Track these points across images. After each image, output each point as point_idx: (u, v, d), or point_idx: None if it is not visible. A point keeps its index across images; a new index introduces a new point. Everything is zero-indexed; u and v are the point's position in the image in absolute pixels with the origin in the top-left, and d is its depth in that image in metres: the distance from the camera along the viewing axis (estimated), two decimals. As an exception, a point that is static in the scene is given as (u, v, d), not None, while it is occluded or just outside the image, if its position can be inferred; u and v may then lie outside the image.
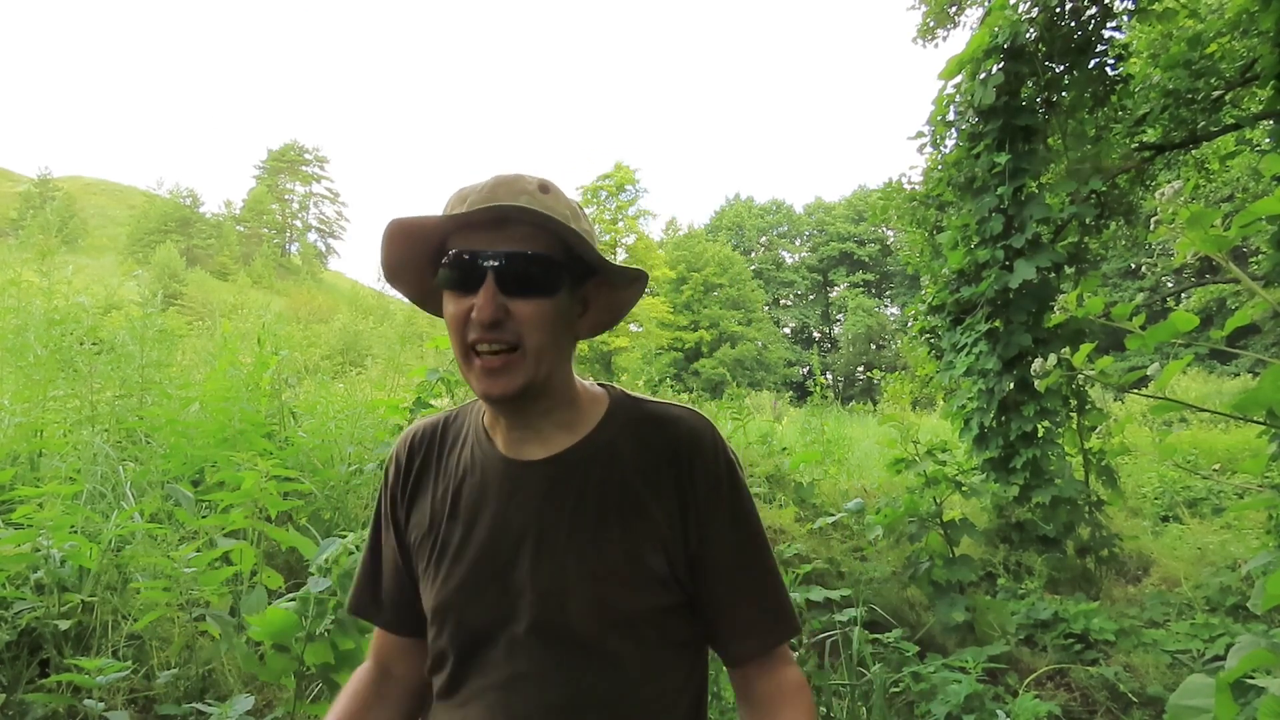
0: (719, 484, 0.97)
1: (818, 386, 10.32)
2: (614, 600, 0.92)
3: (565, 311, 0.94)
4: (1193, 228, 1.17)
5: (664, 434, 0.98)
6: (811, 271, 56.39)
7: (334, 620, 1.96)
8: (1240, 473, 5.93)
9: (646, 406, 1.02)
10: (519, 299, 0.89)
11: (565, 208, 0.92)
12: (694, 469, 0.96)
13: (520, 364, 0.90)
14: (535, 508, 0.95)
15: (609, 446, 0.98)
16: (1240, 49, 5.75)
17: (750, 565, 0.99)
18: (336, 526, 3.16)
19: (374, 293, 39.75)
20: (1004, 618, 3.81)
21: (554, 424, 0.98)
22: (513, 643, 0.93)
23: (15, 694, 2.10)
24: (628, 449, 0.97)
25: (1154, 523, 6.34)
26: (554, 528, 0.94)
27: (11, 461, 2.95)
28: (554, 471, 0.96)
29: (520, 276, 0.89)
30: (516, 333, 0.89)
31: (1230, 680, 1.05)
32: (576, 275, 0.94)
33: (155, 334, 3.71)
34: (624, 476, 0.96)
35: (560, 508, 0.95)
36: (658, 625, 0.95)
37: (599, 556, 0.93)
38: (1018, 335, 4.86)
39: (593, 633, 0.92)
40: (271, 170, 70.06)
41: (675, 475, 0.96)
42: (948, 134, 5.82)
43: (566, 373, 0.98)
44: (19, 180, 62.36)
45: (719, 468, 0.98)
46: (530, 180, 0.92)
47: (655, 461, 0.96)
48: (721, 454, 0.99)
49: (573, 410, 0.99)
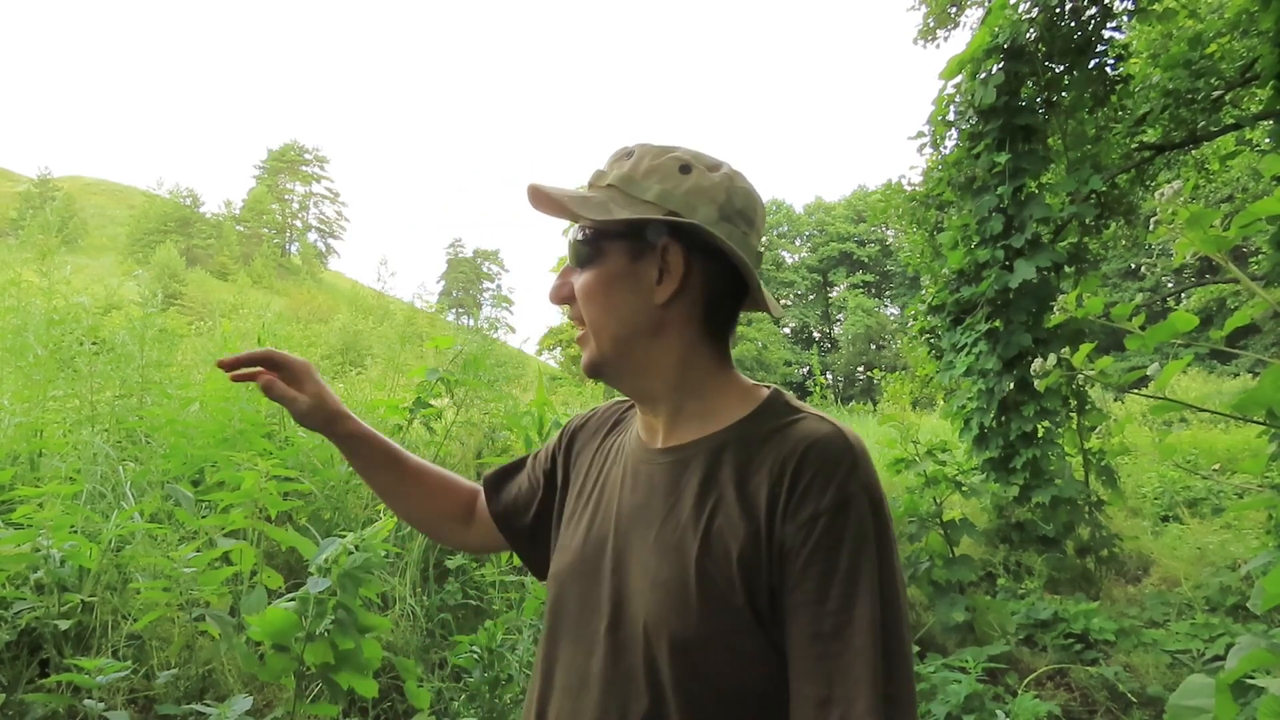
0: (819, 514, 0.78)
1: (817, 386, 10.32)
2: (673, 613, 0.80)
3: (619, 280, 0.88)
4: (1192, 228, 1.17)
5: (787, 441, 0.83)
6: (811, 271, 56.37)
7: (334, 620, 1.96)
8: (1240, 473, 5.92)
9: (793, 414, 0.87)
10: (576, 274, 0.91)
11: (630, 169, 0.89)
12: (796, 485, 0.79)
13: (586, 339, 0.91)
14: (643, 500, 0.89)
15: (726, 445, 0.87)
16: (1240, 49, 5.75)
17: (830, 634, 0.75)
18: (336, 526, 3.16)
19: (374, 293, 39.75)
20: (1004, 618, 3.81)
21: (679, 413, 0.91)
22: (593, 643, 0.87)
23: (15, 694, 2.10)
24: (745, 451, 0.85)
25: (1154, 523, 6.33)
26: (649, 522, 0.87)
27: (11, 461, 2.95)
28: (668, 462, 0.89)
29: (574, 253, 0.91)
30: (578, 310, 0.91)
31: (1230, 680, 1.05)
32: (634, 240, 0.87)
33: (155, 334, 3.71)
34: (727, 478, 0.84)
35: (665, 502, 0.87)
36: (733, 665, 0.79)
37: (666, 562, 0.83)
38: (1018, 335, 4.87)
39: (648, 652, 0.81)
40: (271, 170, 70.09)
41: (773, 487, 0.81)
42: (948, 134, 5.82)
43: (671, 352, 0.89)
44: (19, 180, 62.37)
45: (828, 494, 0.78)
46: (628, 148, 0.92)
47: (762, 468, 0.82)
48: (842, 481, 0.79)
49: (706, 401, 0.90)
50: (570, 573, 0.93)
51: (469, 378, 3.91)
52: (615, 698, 0.83)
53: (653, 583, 0.82)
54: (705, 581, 0.80)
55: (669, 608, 0.80)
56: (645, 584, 0.83)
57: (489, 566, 3.33)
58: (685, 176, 0.88)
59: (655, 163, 0.88)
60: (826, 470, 0.79)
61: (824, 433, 0.82)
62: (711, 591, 0.79)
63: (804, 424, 0.85)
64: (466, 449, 4.07)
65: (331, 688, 2.01)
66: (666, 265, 0.87)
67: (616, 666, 0.84)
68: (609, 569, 0.88)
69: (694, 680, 0.79)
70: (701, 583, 0.80)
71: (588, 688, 0.86)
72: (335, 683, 2.00)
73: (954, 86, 5.49)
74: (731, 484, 0.84)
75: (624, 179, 0.89)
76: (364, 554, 2.02)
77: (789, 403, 0.90)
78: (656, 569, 0.83)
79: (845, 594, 0.76)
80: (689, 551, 0.82)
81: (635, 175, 0.88)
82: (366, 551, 2.03)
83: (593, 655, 0.86)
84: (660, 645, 0.80)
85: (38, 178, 59.86)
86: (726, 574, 0.79)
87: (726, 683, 0.79)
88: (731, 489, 0.83)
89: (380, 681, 2.29)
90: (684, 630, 0.79)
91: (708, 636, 0.79)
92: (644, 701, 0.81)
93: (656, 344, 0.89)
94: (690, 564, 0.81)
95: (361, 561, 2.01)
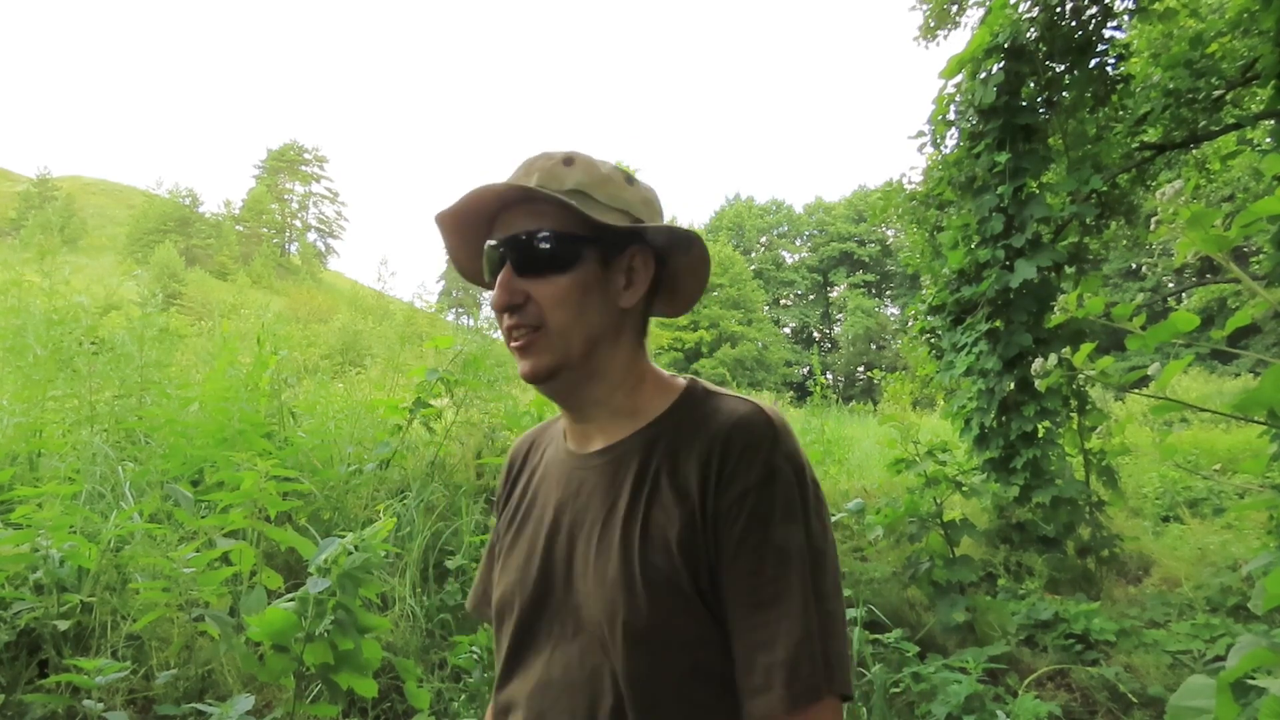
0: (748, 490, 0.82)
1: (818, 386, 10.31)
2: (624, 607, 0.82)
3: (594, 285, 0.89)
4: (1193, 228, 1.16)
5: (710, 425, 0.87)
6: (811, 271, 56.39)
7: (334, 620, 1.96)
8: (1241, 473, 5.92)
9: (714, 398, 0.91)
10: (535, 279, 0.88)
11: (584, 176, 0.89)
12: (725, 465, 0.83)
13: (544, 342, 0.88)
14: (584, 503, 0.91)
15: (657, 438, 0.89)
16: (1241, 48, 5.74)
17: (768, 601, 0.80)
18: (336, 526, 3.16)
19: (373, 292, 39.72)
20: (1004, 618, 3.81)
21: (612, 413, 0.93)
22: (554, 648, 0.89)
23: (14, 694, 2.10)
24: (674, 442, 0.88)
25: (1155, 523, 6.33)
26: (592, 524, 0.89)
27: (11, 461, 2.95)
28: (603, 463, 0.92)
29: (530, 257, 0.88)
30: (538, 314, 0.88)
31: (1231, 679, 1.04)
32: (606, 246, 0.89)
33: (155, 334, 3.71)
34: (659, 470, 0.87)
35: (603, 503, 0.89)
36: (685, 649, 0.82)
37: (617, 558, 0.85)
38: (1018, 335, 4.86)
39: (608, 645, 0.83)
40: (271, 170, 70.10)
41: (702, 470, 0.84)
42: (948, 133, 5.82)
43: (622, 355, 0.92)
44: (19, 180, 62.40)
45: (754, 470, 0.82)
46: (555, 154, 0.91)
47: (690, 454, 0.86)
48: (766, 456, 0.83)
49: (634, 398, 0.93)
50: (518, 593, 0.94)
51: (469, 378, 3.91)
52: (584, 701, 0.85)
53: (602, 582, 0.85)
54: (650, 572, 0.82)
55: (620, 604, 0.83)
56: (595, 585, 0.85)
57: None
58: (631, 187, 0.93)
59: (605, 172, 0.91)
60: (751, 447, 0.84)
61: (744, 412, 0.87)
62: (657, 581, 0.82)
63: (725, 406, 0.89)
64: (466, 449, 4.07)
65: (331, 688, 2.01)
66: (633, 271, 0.91)
67: (581, 671, 0.86)
68: (558, 580, 0.90)
69: (650, 670, 0.82)
70: (646, 574, 0.82)
71: (549, 694, 0.87)
72: (335, 683, 1.99)
73: (954, 86, 5.48)
74: (665, 473, 0.87)
75: (587, 186, 0.89)
76: (363, 554, 2.02)
77: (707, 389, 0.94)
78: (604, 569, 0.85)
79: (779, 562, 0.80)
80: (632, 546, 0.84)
81: (594, 182, 0.89)
82: (366, 552, 2.03)
83: (552, 664, 0.88)
84: (615, 642, 0.82)
85: (38, 178, 59.86)
86: (669, 562, 0.82)
87: (681, 667, 0.83)
88: (665, 478, 0.86)
89: (380, 682, 2.28)
90: (637, 622, 0.82)
91: (660, 625, 0.82)
92: (609, 699, 0.83)
93: (613, 349, 0.92)
94: (634, 558, 0.83)
95: (361, 562, 2.01)
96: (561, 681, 0.87)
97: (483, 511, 3.75)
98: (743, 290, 47.47)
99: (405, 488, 3.60)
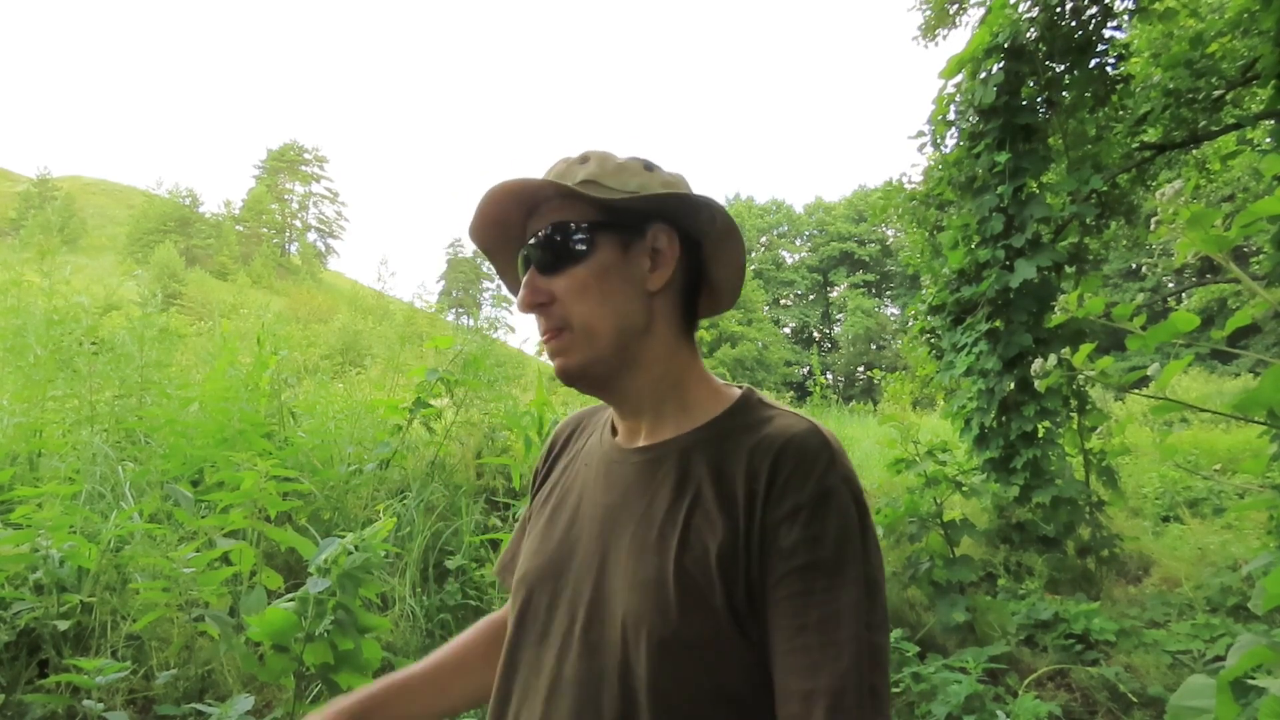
0: (800, 507, 0.77)
1: (818, 386, 10.31)
2: (652, 611, 0.79)
3: (614, 271, 0.86)
4: (1193, 228, 1.16)
5: (762, 437, 0.83)
6: (811, 271, 56.36)
7: (333, 620, 1.96)
8: (1241, 473, 5.92)
9: (768, 410, 0.88)
10: (555, 277, 0.87)
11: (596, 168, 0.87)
12: (775, 479, 0.79)
13: (572, 340, 0.86)
14: (618, 500, 0.88)
15: (704, 443, 0.86)
16: (1241, 48, 5.74)
17: (814, 625, 0.75)
18: (336, 526, 3.16)
19: (373, 292, 39.74)
20: (1004, 618, 3.81)
21: (658, 409, 0.91)
22: (565, 645, 0.85)
23: (14, 694, 2.10)
24: (721, 449, 0.85)
25: (1155, 523, 6.33)
26: (628, 522, 0.86)
27: (11, 461, 2.95)
28: (643, 461, 0.88)
29: (547, 253, 0.87)
30: (563, 313, 0.86)
31: (1230, 678, 1.04)
32: (622, 229, 0.87)
33: (155, 334, 3.71)
34: (703, 476, 0.84)
35: (640, 501, 0.86)
36: (707, 667, 0.78)
37: (645, 561, 0.81)
38: (1018, 335, 4.86)
39: (624, 653, 0.80)
40: (271, 170, 70.11)
41: (750, 483, 0.80)
42: (948, 133, 5.82)
43: (659, 344, 0.89)
44: (19, 180, 62.40)
45: (807, 487, 0.78)
46: (573, 156, 0.90)
47: (739, 464, 0.82)
48: (822, 475, 0.79)
49: (682, 395, 0.91)
50: (540, 575, 0.92)
51: (469, 378, 3.91)
52: (589, 700, 0.81)
53: (631, 583, 0.81)
54: (684, 580, 0.79)
55: (649, 607, 0.79)
56: (624, 584, 0.82)
57: (489, 567, 3.32)
58: (651, 173, 0.89)
59: (621, 162, 0.89)
60: (805, 464, 0.79)
61: (800, 429, 0.82)
62: (691, 590, 0.78)
63: (779, 420, 0.85)
64: (466, 449, 4.07)
65: (331, 688, 2.01)
66: (659, 252, 0.88)
67: (590, 668, 0.82)
68: (583, 570, 0.87)
69: (670, 681, 0.78)
70: (680, 581, 0.79)
71: (560, 691, 0.84)
72: (335, 683, 1.99)
73: (954, 86, 5.49)
74: (708, 481, 0.83)
75: (598, 175, 0.87)
76: (363, 554, 2.02)
77: (763, 400, 0.91)
78: (635, 568, 0.82)
79: (830, 585, 0.76)
80: (668, 550, 0.81)
81: (606, 172, 0.87)
82: (366, 552, 2.03)
83: (564, 658, 0.85)
84: (638, 646, 0.79)
85: (37, 178, 59.87)
86: (705, 572, 0.79)
87: (703, 684, 0.78)
88: (709, 486, 0.83)
89: (380, 682, 2.28)
90: (663, 629, 0.78)
91: (687, 636, 0.78)
92: (617, 704, 0.79)
93: (647, 339, 0.89)
94: (670, 563, 0.80)
95: (361, 562, 2.01)
96: (568, 676, 0.84)
97: (483, 511, 3.75)
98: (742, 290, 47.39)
99: (405, 488, 3.60)
